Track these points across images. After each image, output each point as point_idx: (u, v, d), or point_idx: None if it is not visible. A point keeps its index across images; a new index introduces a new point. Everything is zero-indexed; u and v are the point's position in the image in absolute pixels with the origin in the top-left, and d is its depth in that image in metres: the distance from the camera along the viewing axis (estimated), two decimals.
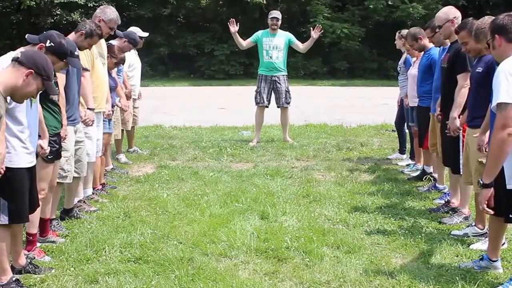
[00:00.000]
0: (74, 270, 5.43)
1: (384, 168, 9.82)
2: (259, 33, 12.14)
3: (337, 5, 29.37)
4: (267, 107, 11.96)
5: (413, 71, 9.19)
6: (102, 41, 7.73)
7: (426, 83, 8.32)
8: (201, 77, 28.63)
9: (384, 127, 13.52)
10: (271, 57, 11.90)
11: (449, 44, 7.39)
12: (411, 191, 8.30)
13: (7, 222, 4.84)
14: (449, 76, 6.93)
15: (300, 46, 12.14)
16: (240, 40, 12.10)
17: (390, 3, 27.37)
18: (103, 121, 7.88)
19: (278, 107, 12.00)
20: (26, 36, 5.62)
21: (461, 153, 6.81)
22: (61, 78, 6.10)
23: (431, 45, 8.48)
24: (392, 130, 12.93)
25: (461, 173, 6.81)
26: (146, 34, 10.38)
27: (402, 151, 10.52)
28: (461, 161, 6.81)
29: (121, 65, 9.04)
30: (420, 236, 6.38)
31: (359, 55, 28.05)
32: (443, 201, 7.63)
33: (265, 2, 26.64)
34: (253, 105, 12.18)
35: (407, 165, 9.90)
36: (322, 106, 16.58)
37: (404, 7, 27.08)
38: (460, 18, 7.01)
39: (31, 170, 5.10)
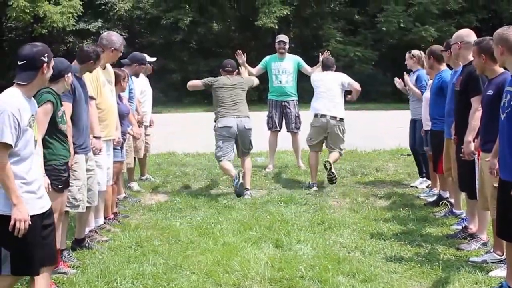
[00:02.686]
0: None
1: (400, 193, 9.68)
2: (267, 58, 12.04)
3: (349, 28, 29.42)
4: (279, 131, 11.84)
5: (427, 94, 9.10)
6: (110, 68, 7.72)
7: (438, 106, 8.21)
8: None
9: (399, 152, 13.38)
10: (280, 82, 11.80)
11: (461, 66, 7.34)
12: (428, 217, 8.17)
13: (9, 273, 4.51)
14: (463, 99, 6.84)
15: (309, 70, 11.94)
16: (250, 68, 11.87)
17: (402, 25, 27.35)
18: (115, 149, 7.82)
19: (288, 131, 11.89)
20: None
21: (476, 177, 6.69)
22: (67, 106, 6.06)
23: (443, 67, 8.40)
24: (408, 155, 12.81)
25: (477, 198, 6.69)
26: (154, 59, 10.37)
27: (422, 174, 10.34)
28: (477, 186, 6.69)
29: (132, 93, 9.03)
30: (437, 263, 6.26)
31: (372, 79, 27.97)
32: (460, 227, 7.49)
33: (277, 27, 26.66)
34: (265, 130, 12.07)
35: (427, 186, 9.83)
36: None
37: (416, 30, 27.08)
38: (471, 43, 6.92)
39: (45, 216, 4.70)
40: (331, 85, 10.35)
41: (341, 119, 10.35)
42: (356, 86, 10.40)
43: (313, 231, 7.50)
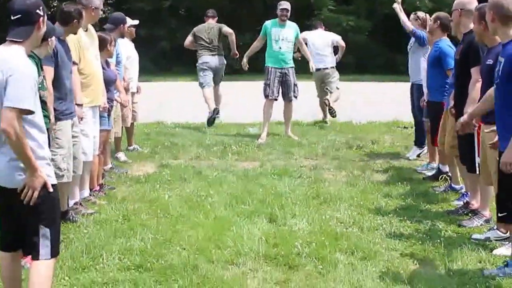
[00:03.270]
0: (69, 280, 5.04)
1: (397, 167, 9.38)
2: (268, 23, 11.75)
3: None
4: (276, 99, 11.63)
5: (425, 64, 8.78)
6: (93, 30, 7.32)
7: (435, 76, 7.90)
8: None
9: (395, 124, 13.07)
10: (280, 48, 11.54)
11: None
12: (427, 192, 7.89)
13: (49, 257, 4.09)
14: (462, 69, 6.51)
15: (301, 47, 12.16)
16: (254, 48, 12.05)
17: None
18: (102, 117, 7.47)
19: (284, 100, 11.71)
20: None
21: (476, 151, 6.43)
22: (48, 71, 5.71)
23: (444, 36, 8.06)
24: (404, 127, 12.55)
25: (477, 172, 6.43)
26: (136, 22, 9.98)
27: (416, 142, 10.07)
28: (477, 160, 6.42)
29: (119, 57, 8.65)
30: (439, 241, 6.00)
31: (366, 49, 27.51)
32: (461, 203, 7.20)
33: None
34: (259, 100, 11.86)
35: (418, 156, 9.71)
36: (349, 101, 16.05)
37: (411, 0, 26.53)
38: (472, 11, 6.56)
39: None
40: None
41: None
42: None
43: (308, 206, 7.20)
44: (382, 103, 16.67)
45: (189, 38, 13.23)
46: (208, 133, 11.79)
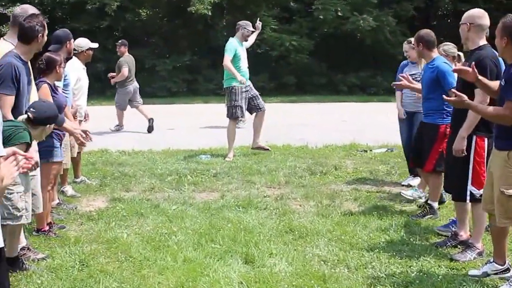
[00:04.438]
0: None
1: (366, 194, 8.82)
2: (235, 43, 11.55)
3: (284, 16, 28.44)
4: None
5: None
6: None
7: (434, 99, 7.32)
8: (141, 95, 27.13)
9: (353, 147, 12.54)
10: (246, 67, 11.72)
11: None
12: (408, 222, 7.32)
13: None
14: (465, 87, 5.88)
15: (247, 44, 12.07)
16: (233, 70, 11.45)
17: (340, 14, 26.57)
18: (54, 147, 6.69)
19: (256, 112, 11.85)
20: None
21: (469, 177, 6.00)
22: (8, 100, 4.98)
23: (435, 54, 7.54)
24: (364, 151, 12.08)
25: (467, 201, 6.03)
26: (95, 45, 9.26)
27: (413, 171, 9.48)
28: (468, 186, 6.01)
29: (66, 80, 7.85)
30: (438, 279, 5.48)
31: (308, 69, 27.14)
32: (448, 233, 6.69)
33: (210, 13, 25.42)
34: (205, 125, 12.13)
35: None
36: (279, 125, 15.32)
37: (354, 19, 26.36)
38: (483, 26, 6.08)
39: None
40: None
41: None
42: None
43: (284, 242, 6.56)
44: (331, 125, 16.22)
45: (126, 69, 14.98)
46: (159, 161, 11.01)
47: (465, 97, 5.21)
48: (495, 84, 5.39)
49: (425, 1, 29.66)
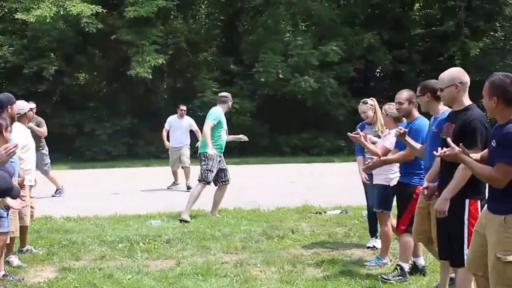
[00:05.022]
0: None
1: (329, 258, 8.48)
2: (221, 112, 11.88)
3: (224, 79, 28.33)
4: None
5: (387, 144, 8.04)
6: None
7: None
8: (81, 159, 26.51)
9: (306, 209, 12.25)
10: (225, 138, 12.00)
11: (443, 112, 6.50)
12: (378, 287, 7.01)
13: None
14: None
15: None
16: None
17: (281, 76, 26.63)
18: (1, 217, 6.19)
19: (221, 183, 11.94)
20: None
21: (465, 241, 5.65)
22: None
23: (417, 113, 7.37)
24: (317, 212, 11.81)
25: (464, 263, 5.64)
26: (33, 105, 8.97)
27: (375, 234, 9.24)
28: (465, 251, 5.64)
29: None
30: None
31: (250, 131, 26.97)
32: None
33: (150, 76, 25.08)
34: (148, 188, 13.63)
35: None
36: (227, 188, 14.98)
37: (295, 81, 26.43)
38: (468, 84, 5.90)
39: None
40: None
41: None
42: None
43: None
44: (278, 187, 15.97)
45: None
46: (107, 228, 10.48)
47: (460, 150, 4.96)
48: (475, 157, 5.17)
49: (365, 63, 30.08)
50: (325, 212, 11.90)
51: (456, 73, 5.92)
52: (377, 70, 32.69)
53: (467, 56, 29.09)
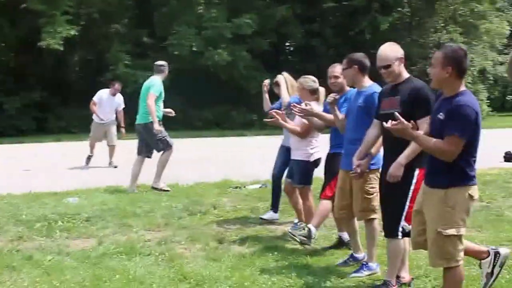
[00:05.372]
0: None
1: (253, 234, 8.45)
2: (160, 82, 11.81)
3: (137, 51, 27.85)
4: None
5: (297, 119, 8.05)
6: None
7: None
8: None
9: (226, 184, 12.20)
10: None
11: (370, 86, 6.55)
12: (307, 263, 7.00)
13: None
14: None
15: None
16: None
17: (194, 49, 26.38)
18: None
19: (148, 156, 12.04)
20: None
21: (404, 213, 5.66)
22: None
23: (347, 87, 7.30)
24: (237, 187, 11.76)
25: (400, 237, 5.75)
26: None
27: (276, 209, 9.32)
28: (402, 222, 5.68)
29: None
30: None
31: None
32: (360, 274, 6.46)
33: (62, 48, 24.33)
34: (62, 165, 13.35)
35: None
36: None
37: (209, 54, 26.26)
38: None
39: None
40: None
41: None
42: None
43: None
44: (197, 160, 15.85)
45: None
46: (22, 207, 10.11)
47: (410, 125, 4.86)
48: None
49: (278, 37, 30.18)
50: (244, 187, 11.89)
51: (395, 47, 5.88)
52: (288, 44, 32.91)
53: (376, 30, 29.62)
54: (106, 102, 15.87)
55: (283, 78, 9.07)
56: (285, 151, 9.02)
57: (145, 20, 29.18)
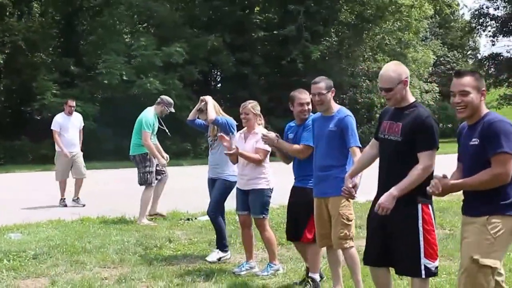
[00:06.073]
0: None
1: (217, 268, 7.99)
2: (153, 118, 11.41)
3: (65, 80, 26.98)
4: None
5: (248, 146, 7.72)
6: None
7: (306, 162, 6.81)
8: None
9: (176, 216, 11.69)
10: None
11: (341, 112, 6.28)
12: None
13: None
14: (402, 151, 5.18)
15: None
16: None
17: (125, 78, 25.74)
18: None
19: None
20: None
21: (421, 250, 5.16)
22: None
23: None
24: (188, 219, 11.28)
25: (422, 273, 5.20)
26: None
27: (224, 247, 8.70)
28: (422, 260, 5.16)
29: None
30: None
31: (94, 136, 25.90)
32: None
33: None
34: None
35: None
36: (81, 195, 14.00)
37: (140, 83, 25.66)
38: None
39: None
40: None
41: None
42: None
43: None
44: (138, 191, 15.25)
45: None
46: None
47: (449, 183, 4.57)
48: None
49: (209, 65, 29.91)
50: (195, 219, 11.40)
51: (399, 67, 5.39)
52: (219, 72, 32.74)
53: (308, 59, 29.69)
54: (67, 125, 13.91)
55: (211, 100, 8.68)
56: (211, 183, 8.71)
57: (72, 48, 28.40)
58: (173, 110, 11.64)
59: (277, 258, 7.95)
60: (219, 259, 8.43)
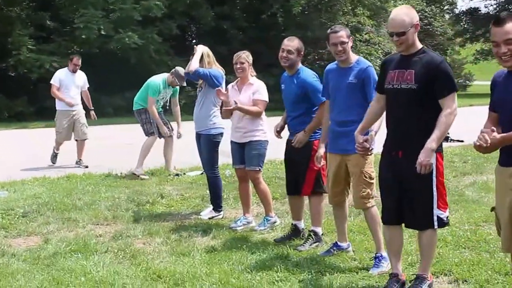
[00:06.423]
0: None
1: (213, 223, 7.87)
2: (161, 85, 11.31)
3: (41, 35, 26.32)
4: None
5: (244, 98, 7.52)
6: None
7: (302, 114, 6.74)
8: None
9: (163, 172, 11.47)
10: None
11: (356, 62, 6.06)
12: (288, 253, 6.43)
13: None
14: (418, 100, 5.00)
15: None
16: None
17: (103, 32, 25.14)
18: None
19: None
20: None
21: (435, 200, 5.07)
22: None
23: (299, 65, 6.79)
24: (176, 174, 11.06)
25: (435, 224, 5.15)
26: None
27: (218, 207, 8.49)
28: (434, 211, 5.07)
29: None
30: None
31: None
32: (378, 271, 5.82)
33: None
34: None
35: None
36: (62, 152, 13.59)
37: (119, 37, 25.12)
38: None
39: None
40: None
41: None
42: None
43: None
44: (119, 148, 15.00)
45: None
46: None
47: (497, 136, 4.23)
48: None
49: (187, 20, 29.39)
50: (184, 174, 11.20)
51: (411, 11, 5.17)
52: (198, 27, 32.22)
53: (289, 14, 29.26)
54: (68, 83, 12.94)
55: (201, 49, 8.33)
56: (198, 138, 8.46)
57: (47, 2, 27.58)
58: (184, 84, 11.20)
59: (273, 210, 7.83)
60: (210, 218, 8.24)
